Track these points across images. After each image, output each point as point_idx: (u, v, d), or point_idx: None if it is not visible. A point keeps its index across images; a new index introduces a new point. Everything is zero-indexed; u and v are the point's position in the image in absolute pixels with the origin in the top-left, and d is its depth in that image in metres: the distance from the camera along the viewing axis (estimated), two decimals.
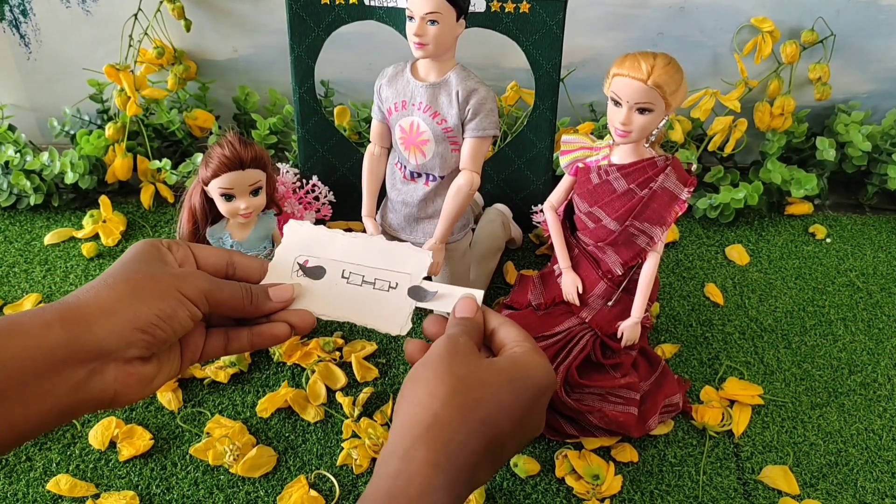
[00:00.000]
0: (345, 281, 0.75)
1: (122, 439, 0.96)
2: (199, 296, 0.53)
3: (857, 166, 1.43)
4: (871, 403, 1.06)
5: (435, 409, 0.51)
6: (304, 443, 0.98)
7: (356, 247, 0.79)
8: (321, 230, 0.77)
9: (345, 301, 0.74)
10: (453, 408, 0.51)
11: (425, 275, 0.76)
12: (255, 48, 1.43)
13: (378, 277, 0.76)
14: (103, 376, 0.48)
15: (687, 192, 0.93)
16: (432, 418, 0.50)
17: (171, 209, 1.37)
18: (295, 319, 0.61)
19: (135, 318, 0.49)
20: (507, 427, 0.52)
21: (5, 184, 1.33)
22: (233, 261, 0.60)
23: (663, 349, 1.12)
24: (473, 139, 0.97)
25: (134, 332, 0.49)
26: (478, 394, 0.52)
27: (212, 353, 0.58)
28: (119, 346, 0.49)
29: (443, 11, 0.90)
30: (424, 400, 0.52)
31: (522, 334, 0.59)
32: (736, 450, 0.99)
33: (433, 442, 0.49)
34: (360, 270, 0.76)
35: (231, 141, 1.02)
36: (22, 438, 0.46)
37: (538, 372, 0.55)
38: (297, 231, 0.77)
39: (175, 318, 0.51)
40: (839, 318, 1.20)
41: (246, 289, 0.58)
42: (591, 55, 1.41)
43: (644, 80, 0.85)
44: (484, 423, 0.51)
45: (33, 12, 1.37)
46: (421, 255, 0.77)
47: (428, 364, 0.54)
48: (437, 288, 0.73)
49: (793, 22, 1.37)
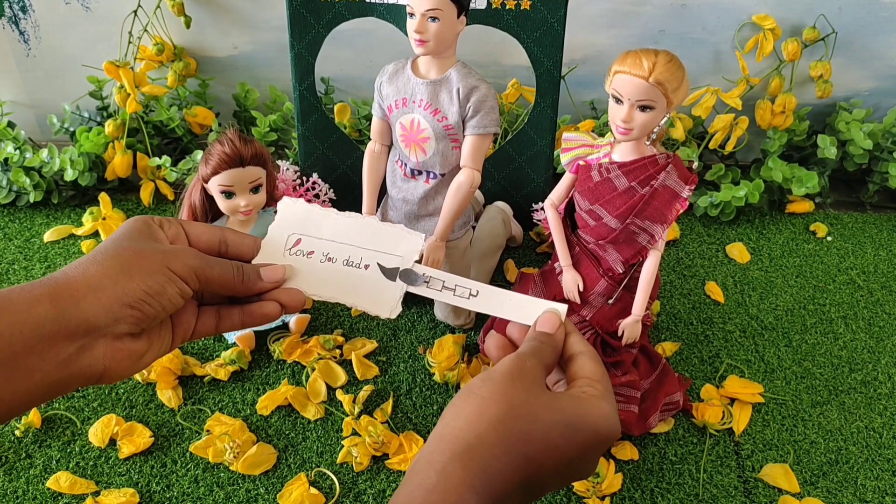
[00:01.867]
0: (338, 261, 0.75)
1: (122, 437, 0.96)
2: (188, 273, 0.53)
3: (859, 164, 1.43)
4: (871, 401, 1.06)
5: (480, 430, 0.50)
6: (305, 440, 0.98)
7: (350, 227, 0.78)
8: (315, 208, 0.77)
9: (336, 282, 0.73)
10: (499, 434, 0.49)
11: (417, 258, 0.75)
12: (256, 45, 1.42)
13: (370, 259, 0.75)
14: (92, 352, 0.48)
15: (688, 190, 0.92)
16: (476, 439, 0.49)
17: (171, 206, 1.36)
18: (285, 298, 0.61)
19: (123, 293, 0.49)
20: (550, 468, 0.50)
21: (5, 181, 1.33)
22: (225, 238, 0.60)
23: (664, 347, 1.12)
24: (474, 136, 0.97)
25: (122, 308, 0.49)
26: (527, 426, 0.50)
27: (203, 331, 0.58)
28: (108, 321, 0.49)
29: (444, 8, 0.90)
30: (472, 417, 0.50)
31: (599, 373, 0.56)
32: (736, 448, 0.99)
33: (471, 463, 0.48)
34: (352, 252, 0.76)
35: (231, 138, 1.02)
36: (11, 413, 0.46)
37: (601, 421, 0.52)
38: (290, 208, 0.77)
39: (164, 295, 0.51)
40: (840, 316, 1.20)
41: (237, 267, 0.58)
42: (592, 52, 1.40)
43: (645, 77, 0.85)
44: (527, 458, 0.49)
45: (33, 9, 1.37)
46: (413, 238, 0.76)
47: (487, 380, 0.52)
48: (425, 270, 0.72)
49: (794, 19, 1.36)
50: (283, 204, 0.75)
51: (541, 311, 0.66)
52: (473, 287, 0.72)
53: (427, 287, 0.72)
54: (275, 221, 0.73)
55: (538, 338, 0.58)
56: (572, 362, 0.58)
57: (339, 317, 1.15)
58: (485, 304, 0.70)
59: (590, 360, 0.58)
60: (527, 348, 0.56)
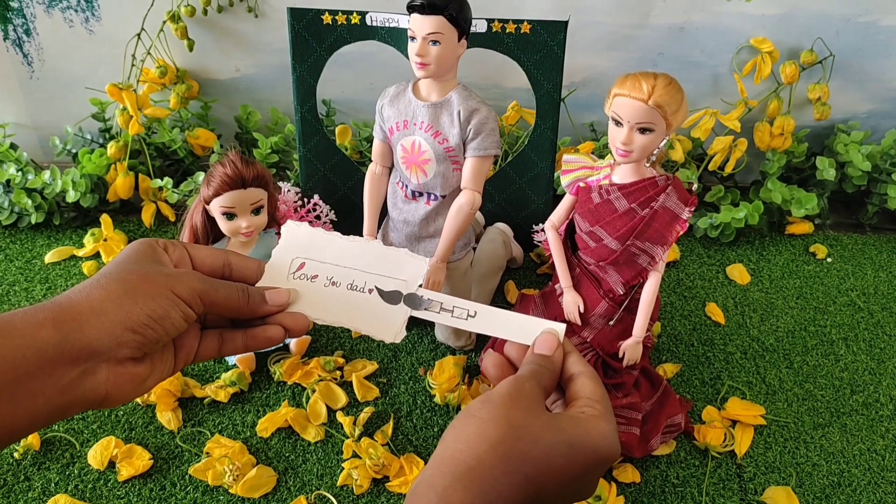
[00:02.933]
0: (342, 286, 0.74)
1: (121, 459, 0.95)
2: (192, 296, 0.53)
3: (858, 186, 1.43)
4: (873, 423, 1.06)
5: (480, 452, 0.49)
6: (305, 463, 0.97)
7: (353, 251, 0.78)
8: (319, 232, 0.77)
9: (339, 305, 0.73)
10: (499, 455, 0.49)
11: (421, 282, 0.75)
12: (258, 67, 1.43)
13: (374, 284, 0.75)
14: (95, 377, 0.48)
15: (688, 212, 0.93)
16: (475, 461, 0.49)
17: (173, 228, 1.37)
18: (289, 322, 0.61)
19: (126, 318, 0.49)
20: (551, 489, 0.50)
21: (7, 202, 1.33)
22: (229, 261, 0.60)
23: (665, 369, 1.12)
24: (475, 158, 0.97)
25: (125, 333, 0.49)
26: (527, 447, 0.50)
27: (206, 354, 0.58)
28: (110, 346, 0.48)
29: (445, 32, 0.90)
30: (472, 439, 0.50)
31: (599, 392, 0.56)
32: (738, 470, 0.99)
33: (472, 486, 0.48)
34: (356, 276, 0.75)
35: (233, 160, 1.02)
36: (13, 437, 0.46)
37: (601, 441, 0.52)
38: (294, 232, 0.77)
39: (167, 319, 0.51)
40: (841, 337, 1.20)
41: (243, 290, 0.58)
42: (591, 75, 1.41)
43: (645, 100, 0.85)
44: (528, 478, 0.49)
45: (36, 31, 1.38)
46: (417, 262, 0.76)
47: (486, 402, 0.52)
48: (430, 295, 0.72)
49: (792, 42, 1.37)
50: (287, 228, 0.75)
51: (539, 331, 0.65)
52: (471, 308, 0.71)
53: (425, 310, 0.71)
54: (279, 245, 0.73)
55: (536, 360, 0.58)
56: (572, 382, 0.58)
57: (339, 338, 1.15)
58: (483, 324, 0.69)
59: (589, 379, 0.58)
60: (525, 371, 0.56)
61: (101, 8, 1.36)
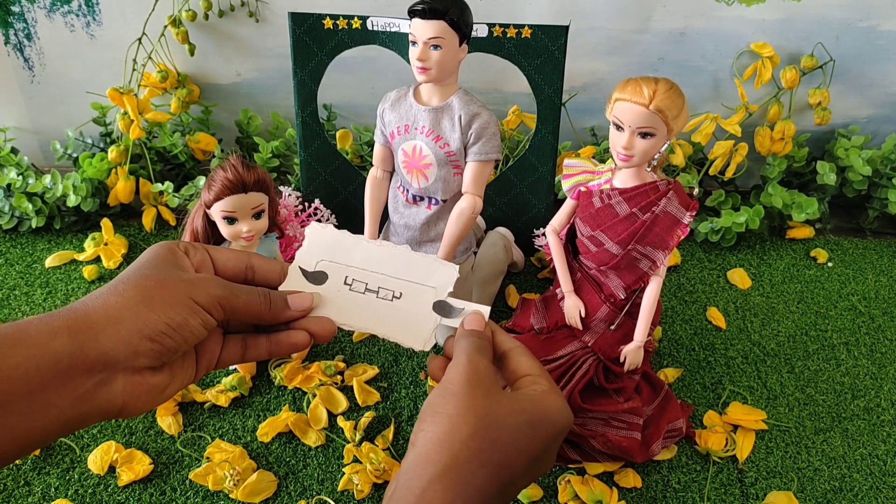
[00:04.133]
0: (368, 291, 0.72)
1: (121, 464, 0.95)
2: (212, 303, 0.51)
3: (858, 190, 1.44)
4: (874, 428, 1.06)
5: (455, 450, 0.50)
6: (305, 468, 0.97)
7: (381, 255, 0.75)
8: (345, 235, 0.74)
9: (367, 312, 0.70)
10: (472, 450, 0.50)
11: (451, 289, 0.72)
12: (259, 72, 1.44)
13: (403, 290, 0.72)
14: (111, 387, 0.47)
15: (689, 217, 0.93)
16: (451, 459, 0.49)
17: (173, 232, 1.37)
18: (315, 328, 0.59)
19: (143, 326, 0.48)
20: (520, 469, 0.51)
21: (7, 206, 1.33)
22: (252, 264, 0.58)
23: (666, 373, 1.12)
24: (476, 163, 0.97)
25: (142, 341, 0.47)
26: (496, 435, 0.51)
27: (229, 360, 0.57)
28: (127, 355, 0.47)
29: (446, 36, 0.90)
30: (444, 438, 0.51)
31: (538, 367, 0.58)
32: (740, 475, 0.98)
33: (451, 484, 0.48)
34: (383, 281, 0.72)
35: (234, 164, 1.02)
36: (25, 450, 0.45)
37: (557, 415, 0.53)
38: (319, 234, 0.74)
39: (186, 327, 0.50)
40: (842, 342, 1.20)
41: (264, 294, 0.56)
42: (592, 80, 1.42)
43: (646, 104, 0.85)
44: (500, 466, 0.50)
45: (37, 36, 1.38)
46: (447, 269, 0.73)
47: (448, 395, 0.53)
48: (462, 304, 0.69)
49: (792, 47, 1.38)
50: (312, 229, 0.73)
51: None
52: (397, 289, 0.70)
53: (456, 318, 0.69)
54: (303, 247, 0.70)
55: (474, 335, 0.58)
56: (507, 360, 0.58)
57: (340, 342, 1.15)
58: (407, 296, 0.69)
59: (523, 355, 0.59)
60: (470, 346, 0.56)
61: (103, 12, 1.36)
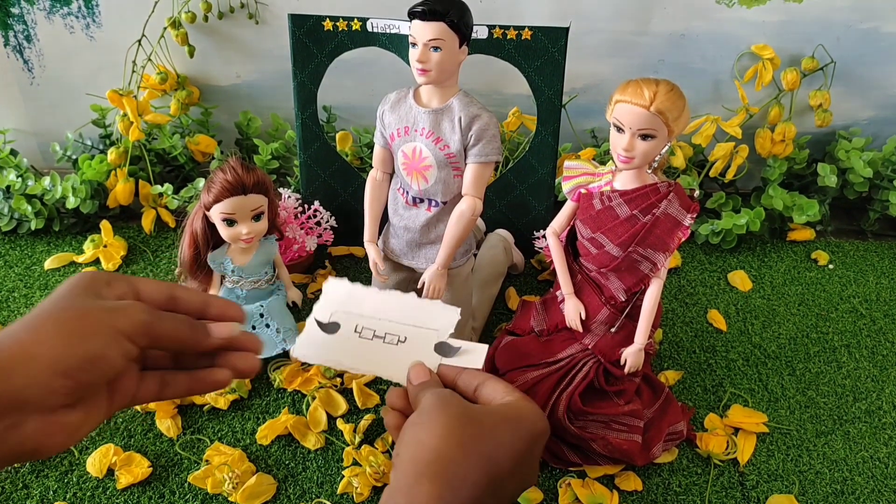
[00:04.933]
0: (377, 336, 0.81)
1: (120, 467, 0.95)
2: (136, 329, 0.49)
3: (859, 192, 1.43)
4: (876, 431, 1.05)
5: (435, 445, 0.51)
6: (305, 470, 0.97)
7: (389, 302, 0.85)
8: (357, 287, 0.84)
9: (375, 357, 0.78)
10: (453, 443, 0.51)
11: (452, 331, 0.80)
12: (258, 74, 1.43)
13: (407, 334, 0.80)
14: (22, 429, 0.44)
15: (690, 218, 0.92)
16: (433, 454, 0.50)
17: (173, 234, 1.36)
18: (240, 364, 0.57)
19: (58, 361, 0.45)
20: (506, 464, 0.52)
21: (6, 208, 1.33)
22: (175, 294, 0.55)
23: (667, 376, 1.11)
24: (476, 165, 0.97)
25: (56, 378, 0.45)
26: (476, 430, 0.52)
27: (145, 396, 0.54)
28: (40, 394, 0.44)
29: (446, 38, 0.90)
30: (424, 439, 0.52)
31: (509, 388, 0.59)
32: (741, 478, 0.98)
33: (435, 477, 0.49)
34: (390, 326, 0.81)
35: (233, 166, 1.02)
36: None
37: (533, 416, 0.56)
38: (335, 288, 0.84)
39: (104, 359, 0.47)
40: (843, 344, 1.19)
41: (189, 321, 0.54)
42: (592, 81, 1.41)
43: (647, 106, 0.85)
44: (483, 456, 0.51)
45: (37, 38, 1.38)
46: (449, 312, 0.82)
47: (423, 411, 0.54)
48: (460, 344, 0.77)
49: (793, 49, 1.37)
50: (329, 285, 0.83)
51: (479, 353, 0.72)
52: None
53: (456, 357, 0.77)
54: (320, 301, 0.79)
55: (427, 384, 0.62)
56: (480, 391, 0.60)
57: None
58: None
59: (496, 382, 0.60)
60: (430, 385, 0.61)
61: (102, 14, 1.36)
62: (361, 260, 1.33)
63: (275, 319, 1.10)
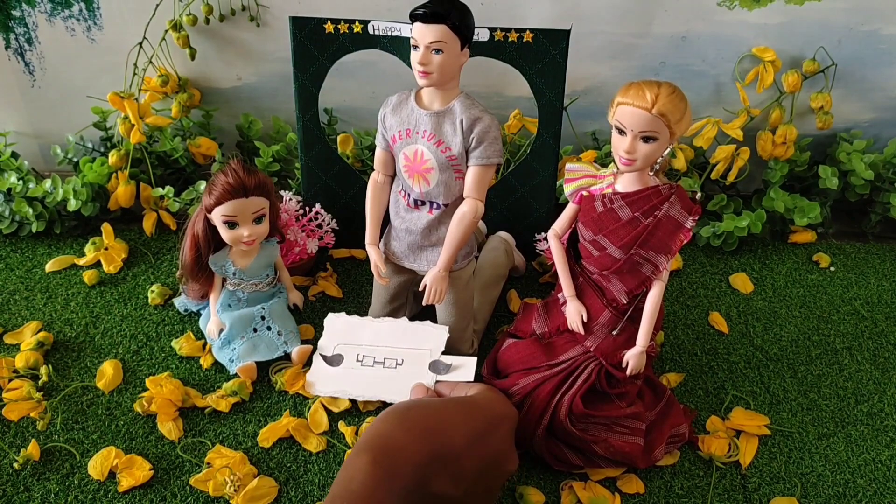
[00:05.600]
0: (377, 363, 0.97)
1: (121, 470, 0.95)
2: None
3: (860, 195, 1.43)
4: (878, 434, 1.05)
5: (377, 425, 0.58)
6: (306, 473, 0.97)
7: (385, 330, 1.02)
8: (354, 320, 1.02)
9: (376, 383, 0.94)
10: (395, 422, 0.57)
11: (443, 349, 0.95)
12: (259, 76, 1.43)
13: (404, 356, 0.95)
14: None
15: (692, 221, 0.92)
16: (374, 430, 0.57)
17: (174, 237, 1.36)
18: None
19: None
20: (458, 441, 0.57)
21: (7, 211, 1.33)
22: None
23: (668, 378, 1.11)
24: (477, 167, 0.97)
25: None
26: (422, 412, 0.58)
27: None
28: None
29: (447, 40, 0.90)
30: (374, 423, 0.59)
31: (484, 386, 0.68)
32: (743, 481, 0.98)
33: (372, 447, 0.55)
34: (387, 352, 0.97)
35: (235, 168, 1.02)
36: None
37: (491, 401, 0.62)
38: (334, 323, 1.03)
39: None
40: (844, 346, 1.19)
41: None
42: (593, 84, 1.41)
43: (648, 108, 0.85)
44: (428, 430, 0.56)
45: (38, 40, 1.38)
46: (439, 332, 0.98)
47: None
48: (451, 360, 0.91)
49: (794, 51, 1.37)
50: (329, 320, 1.02)
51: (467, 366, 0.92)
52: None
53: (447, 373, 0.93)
54: (323, 336, 0.99)
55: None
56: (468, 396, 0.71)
57: None
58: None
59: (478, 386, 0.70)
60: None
61: (103, 17, 1.36)
62: (363, 262, 1.32)
63: (276, 322, 1.10)
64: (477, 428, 0.59)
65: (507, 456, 0.62)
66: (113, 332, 1.15)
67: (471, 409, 0.60)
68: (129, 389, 1.06)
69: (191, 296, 1.15)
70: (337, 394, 1.02)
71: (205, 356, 1.11)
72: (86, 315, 1.18)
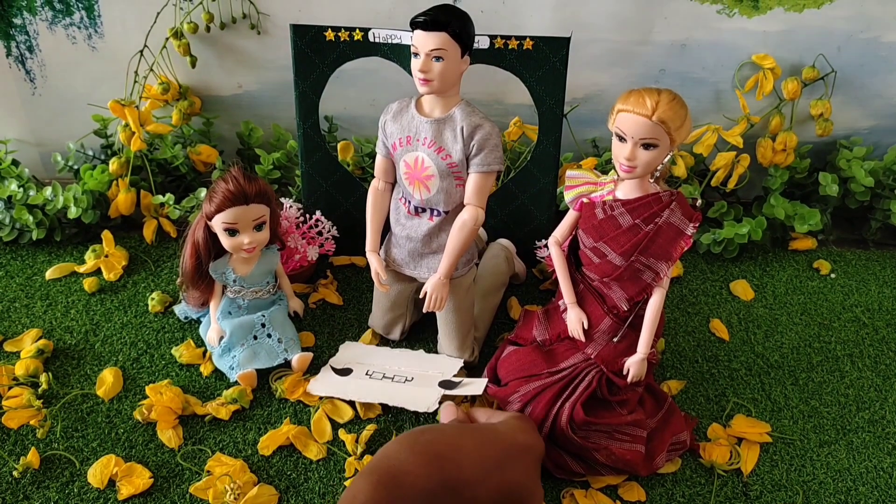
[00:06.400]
0: (386, 377, 1.00)
1: (121, 478, 0.94)
2: None
3: (860, 201, 1.43)
4: (879, 441, 1.05)
5: (387, 447, 0.57)
6: (307, 481, 0.96)
7: (399, 356, 1.06)
8: (371, 347, 1.08)
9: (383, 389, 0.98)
10: (405, 446, 0.56)
11: (456, 372, 0.99)
12: (260, 84, 1.43)
13: (414, 375, 0.98)
14: None
15: (692, 228, 0.92)
16: (383, 453, 0.57)
17: (174, 244, 1.36)
18: None
19: None
20: (469, 469, 0.56)
21: (8, 218, 1.33)
22: None
23: (669, 385, 1.11)
24: (478, 174, 0.97)
25: None
26: (434, 437, 0.56)
27: None
28: None
29: (448, 48, 0.91)
30: (384, 447, 0.59)
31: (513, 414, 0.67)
32: (745, 489, 0.98)
33: (378, 469, 0.55)
34: (399, 371, 1.00)
35: (235, 176, 1.02)
36: None
37: (513, 430, 0.60)
38: (350, 347, 1.08)
39: None
40: (846, 353, 1.19)
41: None
42: (593, 91, 1.41)
43: (649, 115, 0.85)
44: (437, 456, 0.56)
45: (39, 48, 1.38)
46: (453, 361, 1.02)
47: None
48: (462, 379, 0.94)
49: (794, 59, 1.38)
50: (344, 345, 1.09)
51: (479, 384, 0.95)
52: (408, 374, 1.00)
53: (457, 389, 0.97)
54: (338, 353, 1.06)
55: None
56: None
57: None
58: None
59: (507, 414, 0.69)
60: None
61: (104, 25, 1.36)
62: (363, 270, 1.32)
63: (276, 329, 1.10)
64: (492, 457, 0.58)
65: (530, 490, 0.60)
66: (113, 340, 1.15)
67: (488, 437, 0.59)
68: (129, 397, 1.06)
69: (191, 303, 1.15)
70: (338, 394, 1.02)
71: (205, 364, 1.11)
72: (86, 322, 1.18)
